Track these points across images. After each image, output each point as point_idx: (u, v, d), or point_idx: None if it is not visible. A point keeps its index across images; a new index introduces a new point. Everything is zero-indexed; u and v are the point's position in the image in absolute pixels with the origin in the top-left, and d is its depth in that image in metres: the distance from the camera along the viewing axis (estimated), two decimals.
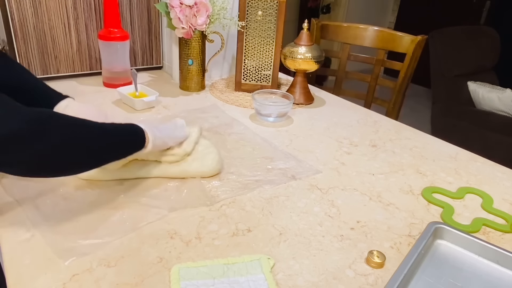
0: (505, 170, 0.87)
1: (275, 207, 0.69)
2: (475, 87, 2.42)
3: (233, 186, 0.74)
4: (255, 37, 1.16)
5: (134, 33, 1.28)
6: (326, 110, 1.16)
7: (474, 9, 3.60)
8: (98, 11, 1.19)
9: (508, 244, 0.64)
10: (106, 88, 1.19)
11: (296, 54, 1.13)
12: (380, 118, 1.12)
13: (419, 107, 3.45)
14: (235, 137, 0.93)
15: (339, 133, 1.00)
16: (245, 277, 0.53)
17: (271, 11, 1.13)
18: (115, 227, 0.61)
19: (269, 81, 1.22)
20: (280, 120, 1.05)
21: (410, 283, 0.54)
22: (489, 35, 2.70)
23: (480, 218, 0.69)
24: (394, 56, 1.49)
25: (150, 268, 0.54)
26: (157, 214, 0.65)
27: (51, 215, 0.63)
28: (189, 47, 1.15)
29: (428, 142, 0.98)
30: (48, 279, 0.51)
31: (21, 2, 1.08)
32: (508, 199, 0.77)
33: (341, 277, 0.55)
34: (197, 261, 0.55)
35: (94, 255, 0.56)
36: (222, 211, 0.67)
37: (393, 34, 1.44)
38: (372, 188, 0.77)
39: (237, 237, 0.61)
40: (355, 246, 0.61)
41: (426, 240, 0.59)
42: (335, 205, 0.71)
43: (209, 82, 1.31)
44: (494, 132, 2.28)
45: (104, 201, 0.67)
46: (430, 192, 0.76)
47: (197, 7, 1.07)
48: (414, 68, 1.44)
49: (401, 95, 1.46)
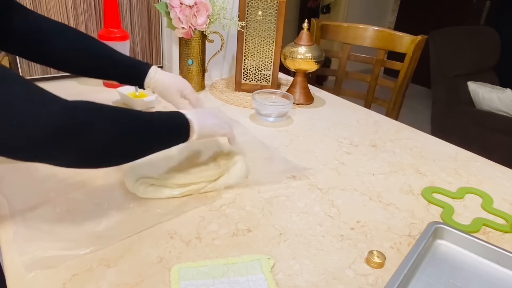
0: (505, 170, 0.87)
1: (275, 207, 0.69)
2: (475, 87, 2.42)
3: (233, 186, 0.74)
4: (255, 37, 1.16)
5: (134, 33, 1.28)
6: (326, 110, 1.16)
7: (474, 9, 3.60)
8: (98, 11, 1.19)
9: (508, 244, 0.64)
10: (106, 88, 1.19)
11: (296, 54, 1.13)
12: (380, 118, 1.12)
13: (419, 107, 3.45)
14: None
15: (339, 133, 1.00)
16: (245, 277, 0.53)
17: (271, 11, 1.13)
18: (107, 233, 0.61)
19: (269, 81, 1.22)
20: (280, 120, 1.05)
21: (410, 283, 0.54)
22: (489, 35, 2.70)
23: (480, 218, 0.69)
24: (394, 56, 1.49)
25: (150, 268, 0.54)
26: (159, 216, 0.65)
27: (34, 221, 0.61)
28: (189, 47, 1.15)
29: (428, 142, 0.98)
30: (48, 279, 0.51)
31: (21, 2, 1.08)
32: (508, 199, 0.77)
33: (341, 277, 0.55)
34: (197, 261, 0.55)
35: (94, 255, 0.56)
36: (222, 211, 0.67)
37: (393, 34, 1.44)
38: (372, 188, 0.77)
39: (237, 237, 0.61)
40: (355, 246, 0.61)
41: (426, 240, 0.59)
42: (335, 205, 0.71)
43: (209, 82, 1.31)
44: (494, 132, 2.28)
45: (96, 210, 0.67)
46: (430, 192, 0.76)
47: (197, 7, 1.07)
48: (414, 68, 1.44)
49: (401, 95, 1.46)
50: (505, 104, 2.27)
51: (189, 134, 0.64)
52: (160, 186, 0.68)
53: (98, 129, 0.50)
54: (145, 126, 0.58)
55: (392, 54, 1.48)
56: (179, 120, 0.64)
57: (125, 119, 0.55)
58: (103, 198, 0.68)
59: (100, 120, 0.51)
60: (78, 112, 0.49)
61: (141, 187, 0.68)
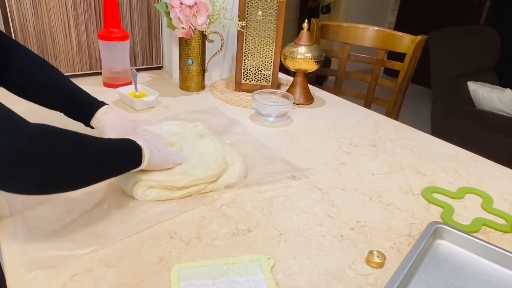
0: (505, 170, 0.87)
1: (275, 207, 0.69)
2: (475, 87, 2.42)
3: (233, 186, 0.74)
4: (255, 37, 1.16)
5: (134, 33, 1.28)
6: (326, 110, 1.16)
7: (474, 9, 3.60)
8: (98, 11, 1.19)
9: (508, 244, 0.64)
10: (106, 88, 1.19)
11: (296, 54, 1.13)
12: (380, 118, 1.12)
13: (419, 107, 3.45)
14: (235, 138, 0.93)
15: (339, 133, 1.00)
16: (245, 277, 0.53)
17: (271, 11, 1.13)
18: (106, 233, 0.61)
19: (269, 81, 1.22)
20: (280, 120, 1.05)
21: (410, 283, 0.54)
22: (489, 35, 2.70)
23: (480, 218, 0.69)
24: (394, 56, 1.49)
25: (150, 268, 0.54)
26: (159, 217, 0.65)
27: (34, 222, 0.61)
28: (189, 47, 1.15)
29: (428, 142, 0.98)
30: (48, 279, 0.51)
31: (21, 2, 1.08)
32: (508, 199, 0.77)
33: (341, 277, 0.55)
34: (197, 261, 0.55)
35: (94, 255, 0.56)
36: (222, 211, 0.67)
37: (393, 34, 1.45)
38: (372, 188, 0.77)
39: (237, 237, 0.61)
40: (355, 246, 0.61)
41: (426, 240, 0.59)
42: (335, 205, 0.71)
43: (209, 82, 1.31)
44: (494, 132, 2.28)
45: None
46: (430, 192, 0.76)
47: (197, 7, 1.07)
48: (414, 68, 1.44)
49: (401, 95, 1.46)
50: (505, 104, 2.27)
51: (141, 160, 0.63)
52: (159, 189, 0.68)
53: (54, 153, 0.49)
54: (99, 151, 0.57)
55: (392, 54, 1.48)
56: (132, 146, 0.63)
57: (81, 145, 0.54)
58: (103, 198, 0.68)
59: (58, 145, 0.50)
60: (37, 135, 0.48)
61: (139, 190, 0.67)
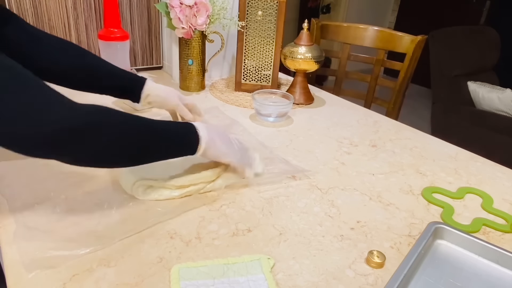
0: (505, 170, 0.87)
1: (275, 207, 0.69)
2: (475, 87, 2.42)
3: (233, 186, 0.74)
4: (255, 37, 1.16)
5: (134, 33, 1.28)
6: (326, 110, 1.16)
7: (474, 9, 3.60)
8: (98, 11, 1.19)
9: (508, 244, 0.64)
10: None
11: (296, 54, 1.13)
12: (380, 118, 1.12)
13: (419, 107, 3.45)
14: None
15: (339, 133, 1.00)
16: (245, 277, 0.53)
17: (271, 11, 1.13)
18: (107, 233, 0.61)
19: (269, 81, 1.22)
20: (280, 120, 1.05)
21: (410, 283, 0.54)
22: (489, 35, 2.70)
23: (480, 218, 0.69)
24: (394, 56, 1.49)
25: (150, 268, 0.54)
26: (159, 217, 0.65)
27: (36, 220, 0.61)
28: (189, 47, 1.15)
29: (428, 142, 0.98)
30: (48, 279, 0.51)
31: (21, 2, 1.08)
32: (508, 199, 0.77)
33: (341, 277, 0.55)
34: (197, 261, 0.55)
35: (94, 255, 0.56)
36: (222, 211, 0.67)
37: (393, 34, 1.45)
38: (372, 188, 0.77)
39: (237, 237, 0.61)
40: (355, 246, 0.61)
41: (426, 240, 0.59)
42: (335, 205, 0.71)
43: (209, 82, 1.31)
44: (494, 132, 2.28)
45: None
46: (430, 192, 0.76)
47: (197, 7, 1.07)
48: (414, 68, 1.44)
49: (401, 95, 1.46)
50: (505, 104, 2.27)
51: (196, 149, 0.64)
52: (159, 188, 0.68)
53: (110, 132, 0.53)
54: (153, 132, 0.60)
55: (392, 54, 1.48)
56: (188, 134, 0.64)
57: (135, 125, 0.57)
58: (103, 198, 0.68)
59: (113, 123, 0.54)
60: (92, 114, 0.52)
61: (139, 189, 0.68)
